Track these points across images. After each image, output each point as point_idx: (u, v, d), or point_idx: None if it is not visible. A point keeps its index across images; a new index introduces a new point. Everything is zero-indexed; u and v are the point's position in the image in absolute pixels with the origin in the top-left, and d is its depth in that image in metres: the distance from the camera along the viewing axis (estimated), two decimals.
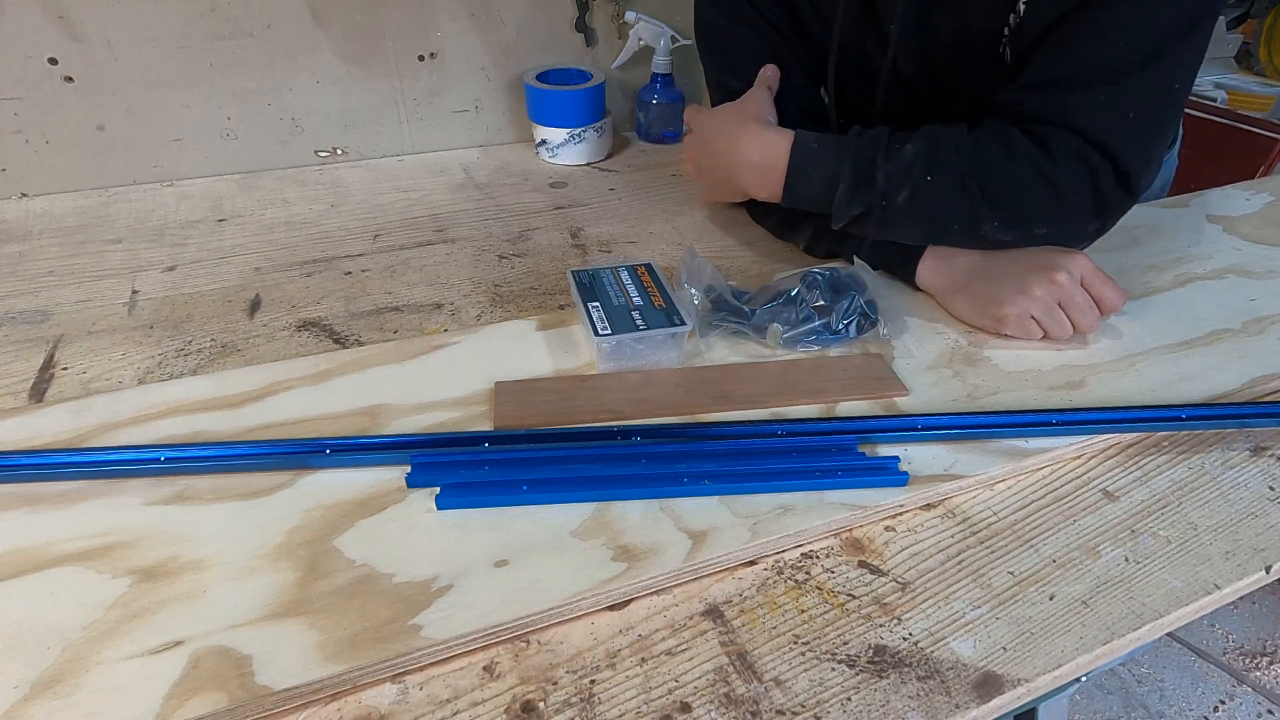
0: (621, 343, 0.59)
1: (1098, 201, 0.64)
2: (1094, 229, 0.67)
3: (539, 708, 0.39)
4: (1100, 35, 0.60)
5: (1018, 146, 0.63)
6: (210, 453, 0.50)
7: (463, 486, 0.48)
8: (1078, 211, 0.64)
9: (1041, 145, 0.63)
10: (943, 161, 0.64)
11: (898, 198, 0.64)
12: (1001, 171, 0.63)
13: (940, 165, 0.64)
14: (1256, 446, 0.56)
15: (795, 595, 0.45)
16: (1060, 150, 0.62)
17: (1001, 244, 0.66)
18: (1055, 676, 0.41)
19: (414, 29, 0.96)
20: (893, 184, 0.64)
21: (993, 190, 0.63)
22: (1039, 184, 0.63)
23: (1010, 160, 0.63)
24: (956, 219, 0.65)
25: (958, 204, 0.64)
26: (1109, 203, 0.64)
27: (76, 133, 0.88)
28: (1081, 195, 0.63)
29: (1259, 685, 1.33)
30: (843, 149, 0.66)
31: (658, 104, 1.05)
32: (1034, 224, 0.64)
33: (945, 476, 0.51)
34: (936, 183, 0.64)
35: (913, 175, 0.64)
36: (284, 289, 0.73)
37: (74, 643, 0.39)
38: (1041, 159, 0.62)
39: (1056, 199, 0.63)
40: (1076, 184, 0.63)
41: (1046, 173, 0.63)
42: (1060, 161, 0.62)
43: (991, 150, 0.64)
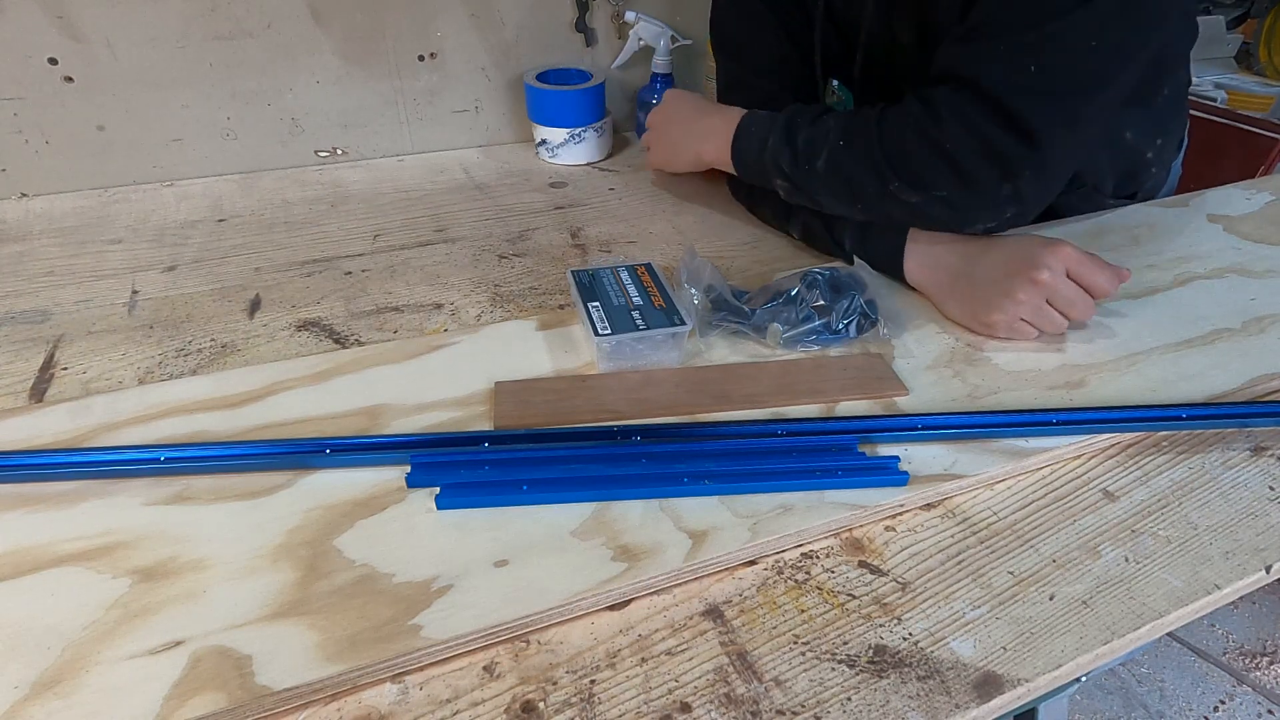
0: (621, 343, 0.59)
1: (999, 163, 0.61)
2: (1008, 192, 0.63)
3: (539, 708, 0.39)
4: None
5: (910, 111, 0.64)
6: (210, 453, 0.50)
7: (463, 486, 0.48)
8: (976, 174, 0.62)
9: (929, 107, 0.63)
10: (855, 129, 0.67)
11: (817, 162, 0.68)
12: (895, 137, 0.65)
13: (852, 133, 0.67)
14: (1256, 446, 0.56)
15: (795, 595, 0.45)
16: (947, 111, 0.62)
17: (913, 207, 0.66)
18: (1055, 676, 0.41)
19: (414, 29, 0.96)
20: (813, 148, 0.69)
21: (892, 155, 0.65)
22: (925, 148, 0.63)
23: (902, 125, 0.65)
24: (868, 183, 0.66)
25: (867, 169, 0.66)
26: (1012, 162, 0.61)
27: (76, 133, 0.88)
28: (974, 157, 0.61)
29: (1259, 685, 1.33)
30: (775, 118, 0.73)
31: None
32: (932, 188, 0.64)
33: (945, 476, 0.51)
34: (849, 149, 0.67)
35: (828, 141, 0.68)
36: (284, 289, 0.73)
37: (74, 643, 0.39)
38: (928, 123, 0.63)
39: (946, 163, 0.62)
40: (964, 145, 0.61)
41: (932, 136, 0.62)
42: (946, 122, 0.62)
43: (892, 118, 0.65)
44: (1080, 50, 0.59)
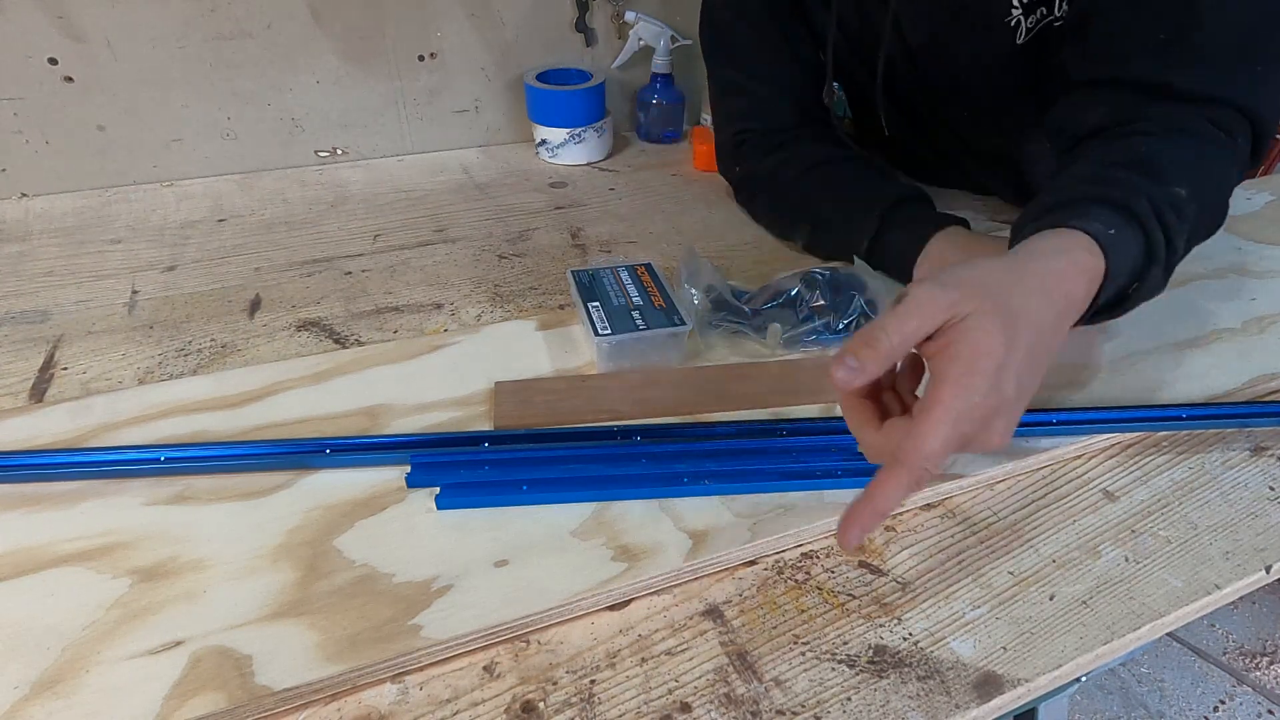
0: (621, 343, 0.59)
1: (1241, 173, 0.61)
2: None
3: (539, 708, 0.39)
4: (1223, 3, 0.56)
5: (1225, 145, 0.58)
6: (210, 453, 0.50)
7: (463, 486, 0.48)
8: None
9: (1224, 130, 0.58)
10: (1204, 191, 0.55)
11: (1177, 257, 0.54)
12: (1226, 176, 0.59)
13: (1203, 194, 0.55)
14: (1256, 446, 0.56)
15: (795, 595, 0.45)
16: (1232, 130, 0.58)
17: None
18: (1055, 676, 0.41)
19: (414, 29, 0.96)
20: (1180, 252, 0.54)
21: (1226, 193, 0.59)
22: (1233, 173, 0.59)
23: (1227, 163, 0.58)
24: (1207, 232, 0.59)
25: (1212, 221, 0.58)
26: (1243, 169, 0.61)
27: (76, 133, 0.88)
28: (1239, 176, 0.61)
29: (1259, 685, 1.33)
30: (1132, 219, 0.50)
31: (658, 104, 1.05)
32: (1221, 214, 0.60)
33: (945, 476, 0.51)
34: (1202, 212, 0.55)
35: (1188, 217, 0.53)
36: (284, 289, 0.73)
37: (74, 643, 0.39)
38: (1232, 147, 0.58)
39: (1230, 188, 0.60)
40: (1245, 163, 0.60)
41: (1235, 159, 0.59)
42: (1238, 144, 0.58)
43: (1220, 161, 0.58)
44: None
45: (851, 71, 0.79)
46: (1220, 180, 0.57)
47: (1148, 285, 0.51)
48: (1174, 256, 0.52)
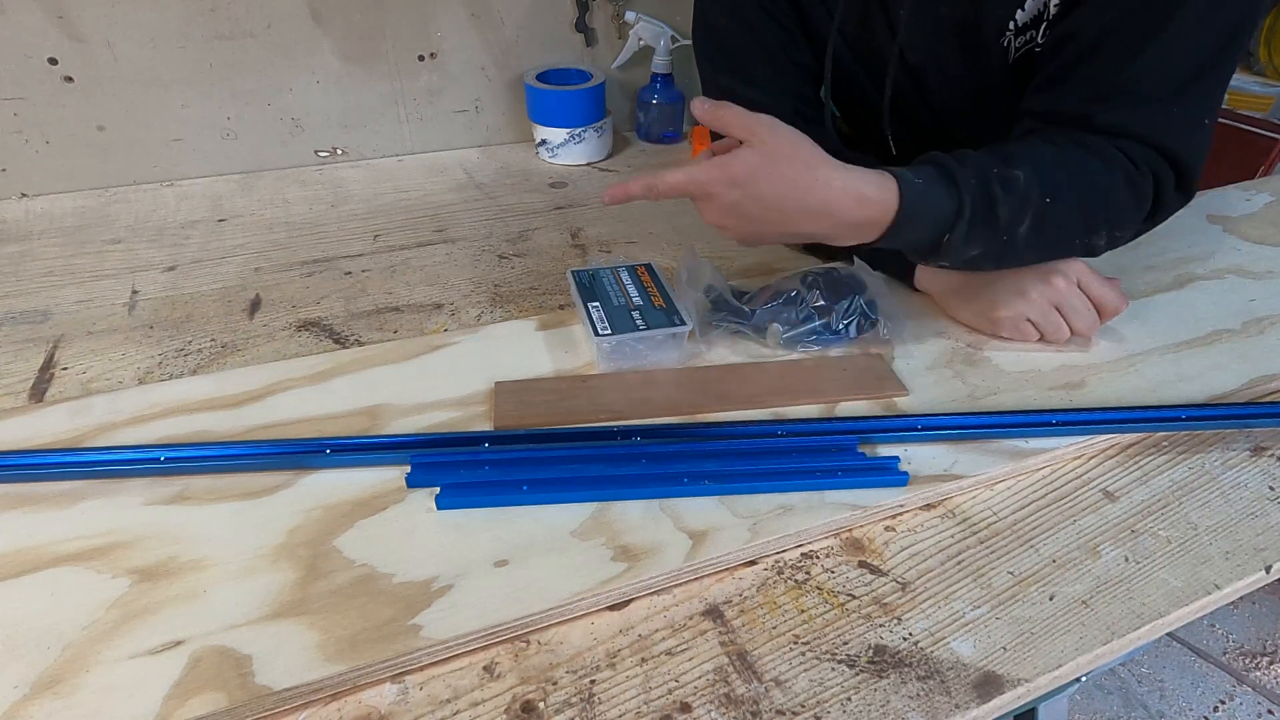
0: (621, 343, 0.59)
1: (1161, 210, 0.63)
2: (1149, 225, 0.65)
3: (539, 708, 0.39)
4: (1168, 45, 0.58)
5: (1112, 157, 0.60)
6: (210, 453, 0.50)
7: (463, 486, 0.48)
8: (1143, 213, 0.63)
9: (1129, 157, 0.61)
10: (1057, 182, 0.58)
11: (1019, 229, 0.58)
12: (1105, 183, 0.60)
13: (1057, 187, 0.58)
14: (1256, 446, 0.56)
15: (795, 595, 0.45)
16: (1141, 161, 0.61)
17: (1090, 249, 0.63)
18: (1055, 676, 0.41)
19: (414, 29, 0.96)
20: (1015, 216, 0.57)
21: (1108, 207, 0.60)
22: (1129, 195, 0.61)
23: (1109, 172, 0.60)
24: (1076, 237, 0.61)
25: (1077, 224, 0.60)
26: (1167, 207, 0.63)
27: (76, 133, 0.88)
28: (1150, 203, 0.62)
29: (1259, 685, 1.33)
30: (952, 184, 0.56)
31: (658, 104, 1.05)
32: (1124, 234, 0.63)
33: (945, 476, 0.51)
34: (1056, 205, 0.58)
35: (1031, 203, 0.57)
36: (284, 289, 0.73)
37: (74, 643, 0.39)
38: (1132, 171, 0.60)
39: (1139, 208, 0.62)
40: (1149, 193, 0.62)
41: (1136, 184, 0.61)
42: (1144, 173, 0.61)
43: (1092, 162, 0.60)
44: (1219, 97, 0.62)
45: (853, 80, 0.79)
46: (1092, 183, 0.59)
47: (960, 240, 0.56)
48: (993, 222, 0.56)
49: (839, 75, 0.78)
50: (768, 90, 0.80)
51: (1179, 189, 0.63)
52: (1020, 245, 0.59)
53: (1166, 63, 0.59)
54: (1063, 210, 0.59)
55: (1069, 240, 0.61)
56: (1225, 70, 0.61)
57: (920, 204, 0.55)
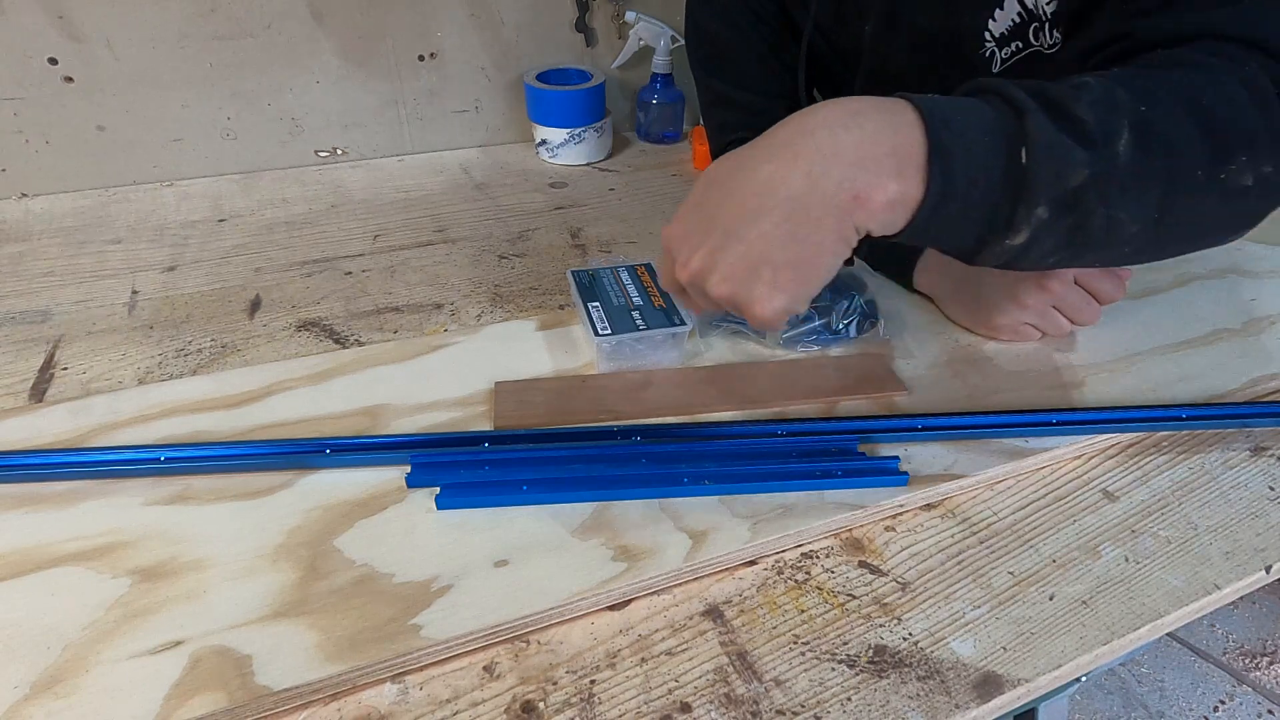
0: (621, 343, 0.59)
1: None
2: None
3: (539, 708, 0.39)
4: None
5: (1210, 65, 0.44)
6: (210, 453, 0.50)
7: (463, 486, 0.48)
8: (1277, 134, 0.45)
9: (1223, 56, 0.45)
10: (1144, 88, 0.42)
11: (1118, 144, 0.41)
12: (1212, 91, 0.43)
13: (1147, 93, 0.42)
14: (1256, 446, 0.56)
15: (795, 595, 0.45)
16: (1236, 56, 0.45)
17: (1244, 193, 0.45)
18: (1055, 676, 0.41)
19: (414, 29, 0.96)
20: (1104, 120, 0.41)
21: (1223, 114, 0.43)
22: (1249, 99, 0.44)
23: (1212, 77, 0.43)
24: (1200, 165, 0.43)
25: (1196, 140, 0.43)
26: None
27: (76, 133, 0.88)
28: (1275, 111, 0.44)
29: (1259, 685, 1.33)
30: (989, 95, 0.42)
31: (658, 104, 1.05)
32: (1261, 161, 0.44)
33: (945, 476, 0.51)
34: (1155, 112, 0.42)
35: (1123, 109, 0.41)
36: (284, 289, 0.73)
37: (74, 643, 0.39)
38: (1233, 65, 0.44)
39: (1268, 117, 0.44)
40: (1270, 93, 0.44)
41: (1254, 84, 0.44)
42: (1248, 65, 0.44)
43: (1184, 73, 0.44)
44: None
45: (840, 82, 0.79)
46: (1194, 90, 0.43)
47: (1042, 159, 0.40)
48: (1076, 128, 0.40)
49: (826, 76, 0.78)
50: (760, 92, 0.80)
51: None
52: (1129, 172, 0.41)
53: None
54: (1169, 119, 0.42)
55: (1191, 166, 0.43)
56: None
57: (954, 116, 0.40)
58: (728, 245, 0.41)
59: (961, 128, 0.40)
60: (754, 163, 0.41)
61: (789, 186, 0.40)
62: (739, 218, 0.41)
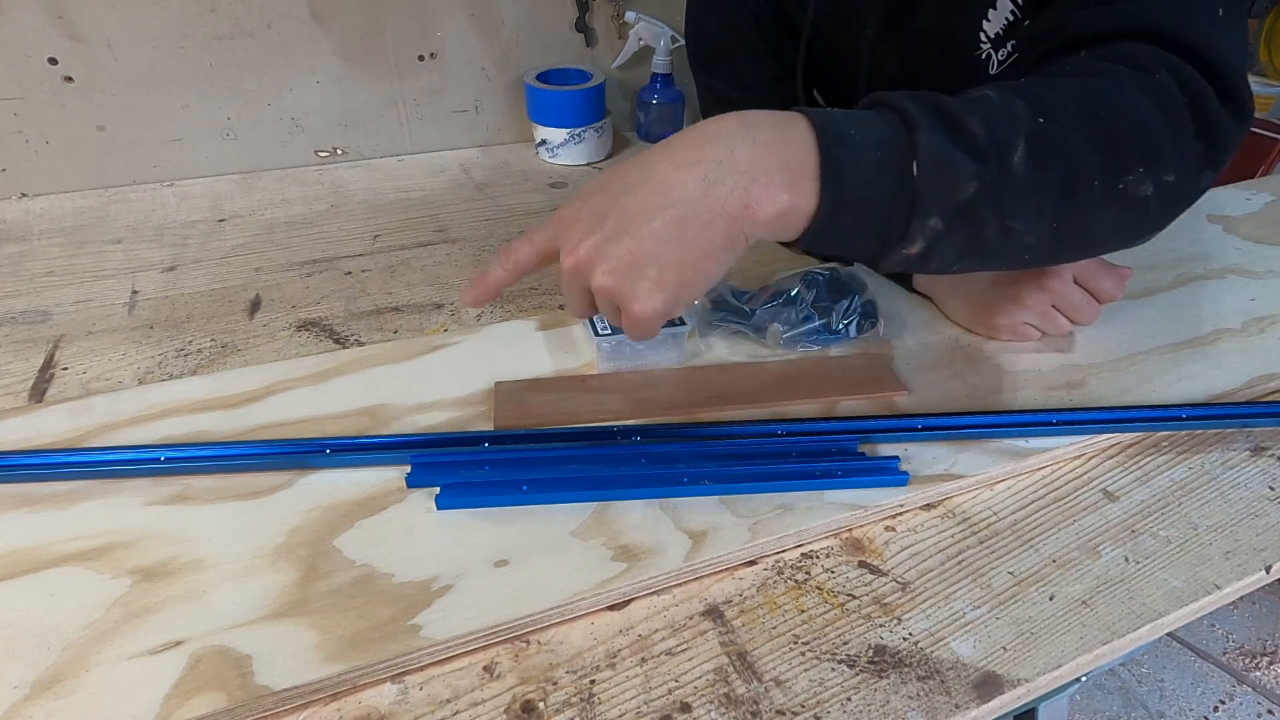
0: (621, 343, 0.59)
1: (1202, 124, 0.46)
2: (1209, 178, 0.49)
3: (539, 708, 0.39)
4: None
5: (1117, 73, 0.45)
6: (210, 453, 0.50)
7: (463, 486, 0.48)
8: (1191, 148, 0.47)
9: (1129, 61, 0.46)
10: (1045, 100, 0.44)
11: (1012, 156, 0.42)
12: (1122, 98, 0.44)
13: (1046, 104, 0.44)
14: (1256, 446, 0.56)
15: (795, 595, 0.45)
16: (1155, 66, 0.46)
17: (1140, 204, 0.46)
18: (1055, 676, 0.41)
19: (414, 29, 0.96)
20: (998, 133, 0.42)
21: (1121, 119, 0.44)
22: (1154, 108, 0.45)
23: (1118, 84, 0.45)
24: (1096, 176, 0.44)
25: (1090, 145, 0.44)
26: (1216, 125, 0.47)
27: (76, 133, 0.88)
28: (1182, 117, 0.46)
29: (1259, 685, 1.33)
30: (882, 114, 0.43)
31: (658, 104, 1.05)
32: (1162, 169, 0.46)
33: (945, 476, 0.51)
34: (1053, 125, 0.43)
35: (1019, 120, 0.43)
36: (284, 289, 0.73)
37: (74, 643, 0.39)
38: (1145, 78, 0.45)
39: (1174, 126, 0.46)
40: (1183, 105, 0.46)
41: (1160, 92, 0.45)
42: (1163, 81, 0.45)
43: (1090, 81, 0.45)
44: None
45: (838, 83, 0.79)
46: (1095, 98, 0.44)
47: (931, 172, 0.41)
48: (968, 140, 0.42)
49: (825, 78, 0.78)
50: (759, 92, 0.80)
51: (1225, 101, 0.47)
52: (1022, 181, 0.43)
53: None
54: (1066, 132, 0.44)
55: (1087, 177, 0.44)
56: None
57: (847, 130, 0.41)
58: (618, 238, 0.42)
59: (854, 142, 0.41)
60: (655, 164, 0.43)
61: (685, 190, 0.41)
62: (633, 213, 0.42)
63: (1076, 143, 0.44)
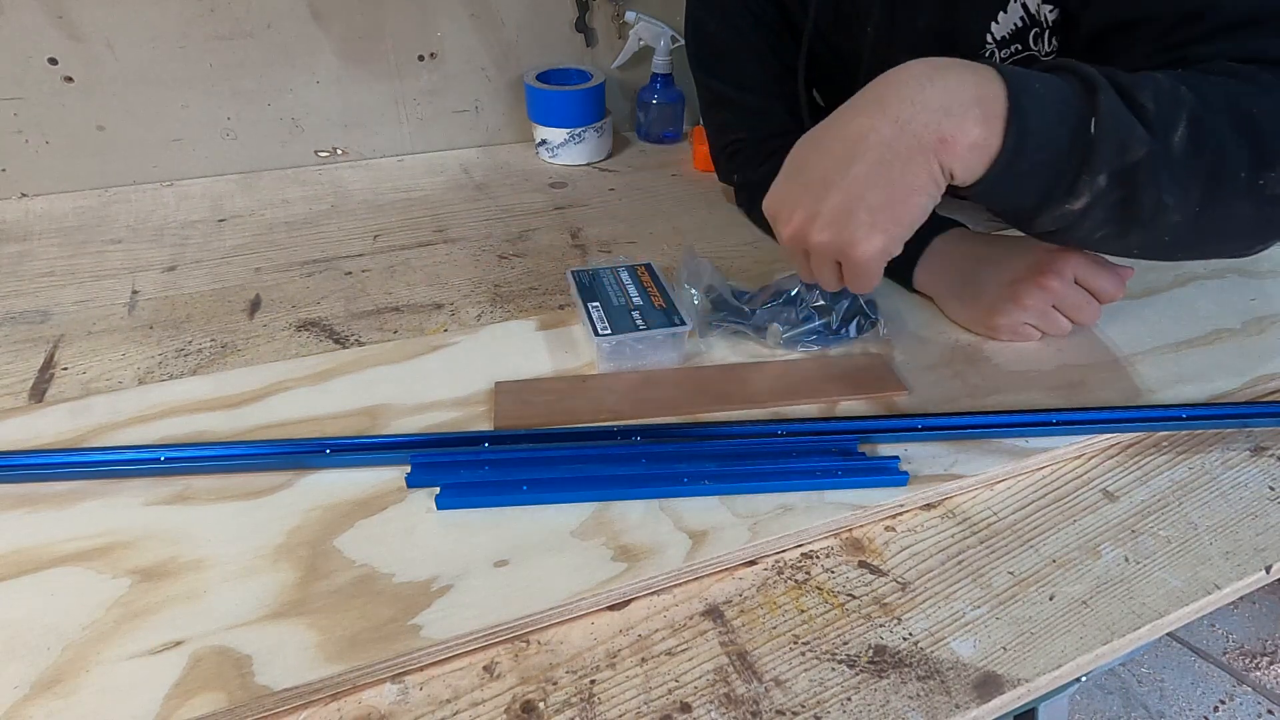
0: (621, 343, 0.59)
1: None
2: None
3: (539, 708, 0.39)
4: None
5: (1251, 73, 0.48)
6: (210, 453, 0.50)
7: (463, 486, 0.48)
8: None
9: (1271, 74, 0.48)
10: (1202, 91, 0.46)
11: (1174, 135, 0.46)
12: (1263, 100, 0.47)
13: (1204, 96, 0.46)
14: (1256, 446, 0.56)
15: (795, 595, 0.45)
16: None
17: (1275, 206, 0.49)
18: (1055, 676, 0.41)
19: (414, 29, 0.96)
20: (1166, 112, 0.45)
21: (1267, 122, 0.47)
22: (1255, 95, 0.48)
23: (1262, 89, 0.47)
24: (1241, 164, 0.47)
25: (1241, 144, 0.47)
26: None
27: (76, 133, 0.88)
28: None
29: (1259, 685, 1.33)
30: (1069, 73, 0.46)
31: (658, 104, 1.05)
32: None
33: (945, 476, 0.51)
34: (1209, 114, 0.46)
35: (1184, 105, 0.46)
36: (284, 289, 0.73)
37: (74, 643, 0.39)
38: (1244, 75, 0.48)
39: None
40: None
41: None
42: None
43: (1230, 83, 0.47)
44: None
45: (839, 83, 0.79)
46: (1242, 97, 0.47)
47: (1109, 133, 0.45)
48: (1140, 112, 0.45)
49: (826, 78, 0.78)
50: (760, 93, 0.80)
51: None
52: (1179, 161, 0.46)
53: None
54: (1220, 122, 0.46)
55: (1234, 168, 0.47)
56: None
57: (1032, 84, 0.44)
58: (825, 195, 0.46)
59: (1039, 93, 0.44)
60: (844, 119, 0.46)
61: (879, 133, 0.44)
62: (833, 168, 0.46)
63: (1229, 134, 0.46)
